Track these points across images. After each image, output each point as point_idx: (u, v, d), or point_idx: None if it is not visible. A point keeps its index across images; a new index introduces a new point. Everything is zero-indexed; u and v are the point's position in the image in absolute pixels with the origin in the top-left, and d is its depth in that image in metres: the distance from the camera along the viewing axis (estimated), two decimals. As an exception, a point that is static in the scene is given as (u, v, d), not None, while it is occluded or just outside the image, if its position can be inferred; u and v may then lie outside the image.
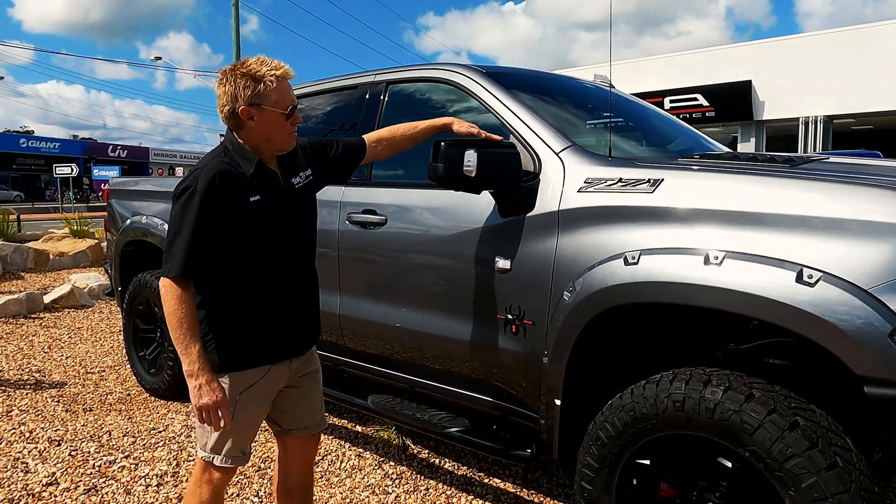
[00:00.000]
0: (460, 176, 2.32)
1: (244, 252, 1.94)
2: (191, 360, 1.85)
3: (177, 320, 1.84)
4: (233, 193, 1.90)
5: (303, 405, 2.22)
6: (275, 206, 2.00)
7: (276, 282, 2.03)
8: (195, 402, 1.87)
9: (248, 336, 1.99)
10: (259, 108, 1.92)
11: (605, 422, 2.14)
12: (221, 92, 1.94)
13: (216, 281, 1.94)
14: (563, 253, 2.29)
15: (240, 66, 1.93)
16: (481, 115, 2.81)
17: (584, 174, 2.31)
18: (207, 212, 1.85)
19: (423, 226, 2.78)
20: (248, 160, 1.96)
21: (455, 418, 2.80)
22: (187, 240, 1.84)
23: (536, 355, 2.38)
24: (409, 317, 2.84)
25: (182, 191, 1.88)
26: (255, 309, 2.00)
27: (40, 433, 3.80)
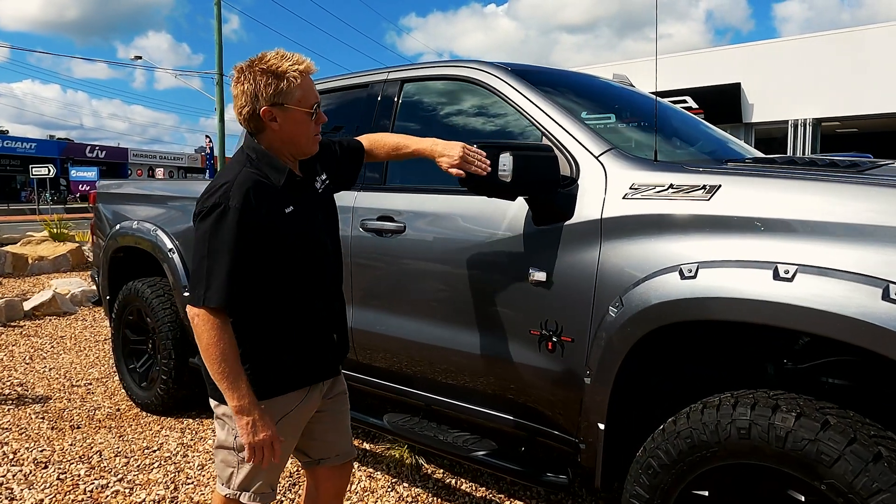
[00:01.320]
0: (495, 181, 2.14)
1: (281, 268, 1.78)
2: (240, 394, 1.68)
3: (219, 354, 1.66)
4: (268, 206, 1.73)
5: (333, 431, 2.07)
6: (308, 216, 1.85)
7: (314, 296, 1.88)
8: (248, 440, 1.70)
9: (289, 357, 1.84)
10: (282, 107, 1.74)
11: (657, 449, 1.97)
12: (239, 91, 1.75)
13: (253, 301, 1.76)
14: (606, 264, 2.12)
15: (258, 61, 1.75)
16: (509, 117, 2.64)
17: (628, 179, 2.14)
18: (245, 230, 1.67)
19: (447, 234, 2.59)
20: (278, 170, 1.79)
21: (480, 440, 2.62)
22: (227, 265, 1.66)
23: (576, 374, 2.20)
24: (430, 331, 2.66)
25: (211, 208, 1.68)
26: (294, 327, 1.85)
27: (25, 454, 3.55)
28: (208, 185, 1.79)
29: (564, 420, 2.32)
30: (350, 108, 3.30)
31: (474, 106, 2.81)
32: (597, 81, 3.24)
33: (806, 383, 2.07)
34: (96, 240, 4.77)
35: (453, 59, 2.83)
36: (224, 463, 1.89)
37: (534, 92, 2.50)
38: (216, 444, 1.91)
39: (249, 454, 1.72)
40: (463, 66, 2.75)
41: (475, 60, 2.74)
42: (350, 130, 3.23)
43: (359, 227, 2.88)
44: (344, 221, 2.84)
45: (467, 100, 2.83)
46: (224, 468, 1.90)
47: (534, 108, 2.46)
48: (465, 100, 2.84)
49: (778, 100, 15.11)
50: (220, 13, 22.02)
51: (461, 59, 2.79)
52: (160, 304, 4.01)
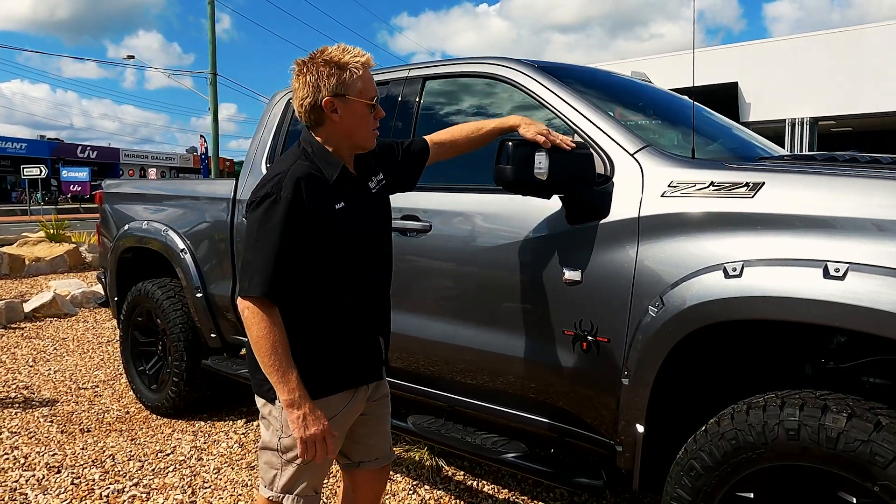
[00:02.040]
0: (531, 179, 2.11)
1: (331, 264, 1.77)
2: (290, 388, 1.66)
3: (269, 346, 1.64)
4: (319, 200, 1.72)
5: (375, 434, 2.04)
6: (359, 214, 1.83)
7: (364, 296, 1.86)
8: (300, 434, 1.68)
9: (339, 357, 1.82)
10: (344, 98, 1.74)
11: (699, 450, 1.94)
12: (301, 83, 1.74)
13: (302, 297, 1.75)
14: (644, 263, 2.09)
15: (319, 54, 1.76)
16: (537, 115, 2.60)
17: (666, 177, 2.11)
18: (294, 221, 1.67)
19: (476, 233, 2.56)
20: (332, 165, 1.79)
21: (509, 442, 2.58)
22: (273, 254, 1.65)
23: (612, 376, 2.17)
24: (456, 332, 2.62)
25: (262, 198, 1.69)
26: (343, 327, 1.82)
27: (36, 458, 3.49)
28: (263, 177, 1.78)
29: (599, 422, 2.28)
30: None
31: (499, 103, 2.77)
32: (621, 79, 3.21)
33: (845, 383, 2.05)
34: (103, 240, 4.70)
35: (478, 57, 2.79)
36: (268, 465, 1.86)
37: (564, 89, 2.47)
38: (260, 446, 1.88)
39: (302, 449, 1.69)
40: (489, 63, 2.72)
41: (501, 57, 2.70)
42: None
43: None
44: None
45: (493, 97, 2.79)
46: (268, 470, 1.86)
47: (565, 105, 2.43)
48: (491, 97, 2.80)
49: (775, 99, 15.16)
50: (213, 12, 21.89)
51: (486, 57, 2.75)
52: (171, 305, 3.96)
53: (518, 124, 2.20)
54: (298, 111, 1.78)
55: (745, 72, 15.29)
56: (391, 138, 2.93)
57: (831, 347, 2.10)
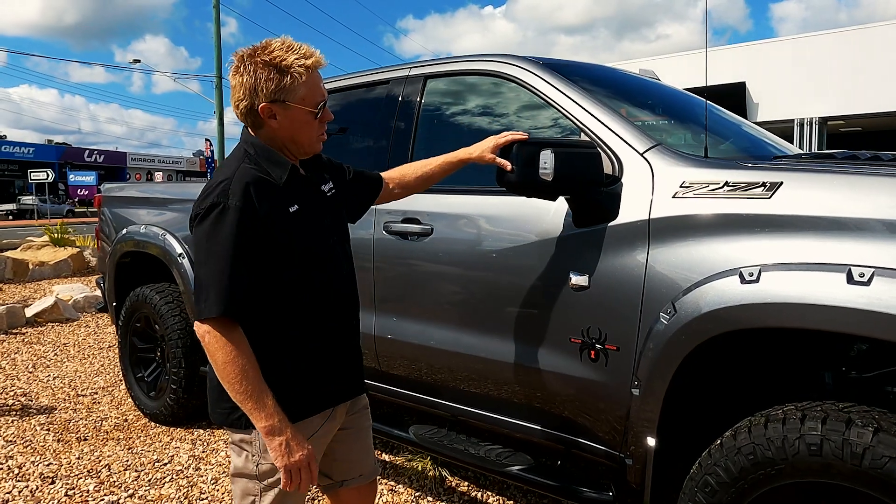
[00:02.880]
0: (535, 180, 2.01)
1: (293, 273, 1.62)
2: (267, 413, 1.51)
3: (238, 371, 1.49)
4: (271, 205, 1.58)
5: (357, 449, 1.90)
6: (314, 217, 1.69)
7: (331, 306, 1.72)
8: (283, 462, 1.54)
9: (314, 374, 1.68)
10: (283, 104, 1.59)
11: (714, 465, 1.83)
12: (237, 83, 1.59)
13: (266, 313, 1.60)
14: (655, 268, 1.99)
15: (261, 51, 1.58)
16: (542, 113, 2.51)
17: (678, 177, 2.01)
18: (246, 230, 1.52)
19: (478, 237, 2.46)
20: (279, 165, 1.64)
21: (514, 454, 2.49)
22: (226, 268, 1.50)
23: (621, 385, 2.07)
24: (459, 339, 2.52)
25: (208, 209, 1.53)
26: (316, 340, 1.68)
27: (31, 468, 3.41)
28: (205, 185, 1.63)
29: (608, 433, 2.18)
30: (368, 107, 3.17)
31: (504, 102, 2.68)
32: (629, 76, 3.11)
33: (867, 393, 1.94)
34: (102, 244, 4.63)
35: (481, 54, 2.70)
36: (244, 492, 1.70)
37: (570, 86, 2.37)
38: (232, 472, 1.73)
39: (286, 479, 1.55)
40: (491, 61, 2.62)
41: (505, 54, 2.60)
42: (370, 131, 3.11)
43: (382, 230, 2.75)
44: (366, 224, 2.72)
45: (496, 96, 2.70)
46: (243, 497, 1.70)
47: (571, 103, 2.33)
48: (494, 96, 2.71)
49: (783, 99, 15.00)
50: (218, 16, 21.90)
51: (489, 54, 2.66)
52: (169, 310, 3.88)
53: (470, 154, 2.10)
54: (235, 111, 1.63)
55: (752, 71, 15.14)
56: (392, 140, 2.85)
57: (852, 355, 2.00)
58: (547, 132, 2.49)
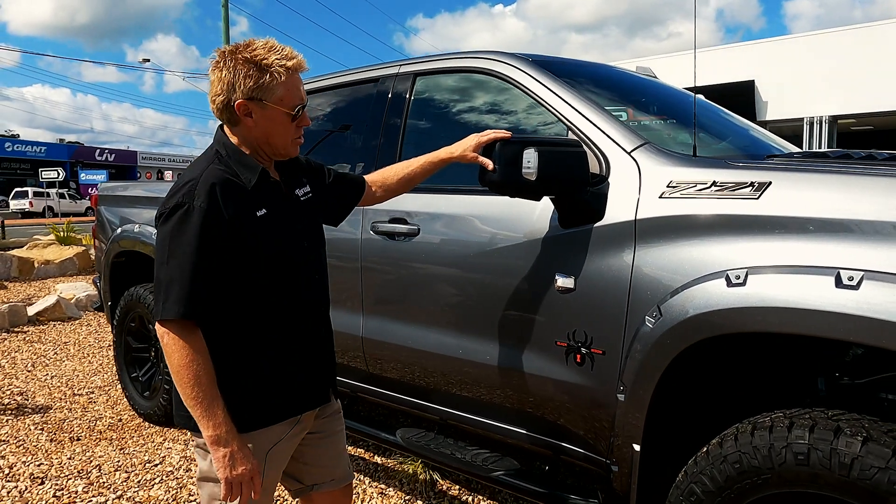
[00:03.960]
0: (518, 180, 1.96)
1: (257, 279, 1.59)
2: (216, 423, 1.49)
3: (192, 376, 1.47)
4: (238, 208, 1.55)
5: (328, 454, 1.87)
6: (285, 223, 1.66)
7: (298, 314, 1.69)
8: (225, 475, 1.51)
9: (276, 383, 1.64)
10: (260, 103, 1.57)
11: (700, 473, 1.78)
12: (216, 78, 1.57)
13: (228, 319, 1.58)
14: (641, 270, 1.94)
15: (244, 48, 1.58)
16: (531, 111, 2.46)
17: (665, 177, 1.96)
18: (210, 233, 1.49)
19: (465, 237, 2.41)
20: (249, 168, 1.61)
21: (500, 458, 2.44)
22: (189, 270, 1.47)
23: (607, 390, 2.02)
24: (446, 341, 2.48)
25: (172, 209, 1.51)
26: (279, 349, 1.65)
27: (22, 468, 3.40)
28: (173, 184, 1.61)
29: (593, 439, 2.13)
30: (358, 105, 3.13)
31: (493, 100, 2.63)
32: (621, 73, 3.05)
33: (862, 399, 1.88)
34: (98, 244, 4.62)
35: (470, 51, 2.65)
36: (210, 496, 1.68)
37: (557, 83, 2.32)
38: (199, 477, 1.71)
39: (226, 490, 1.53)
40: (480, 58, 2.57)
41: (494, 51, 2.56)
42: (360, 129, 3.06)
43: (369, 230, 2.71)
44: (353, 224, 2.68)
45: (485, 93, 2.65)
46: (210, 502, 1.68)
47: (558, 100, 2.28)
48: (483, 93, 2.66)
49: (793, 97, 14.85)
50: (227, 15, 21.95)
51: (478, 51, 2.61)
52: (163, 310, 3.85)
53: (452, 153, 2.08)
54: (211, 107, 1.61)
55: (762, 69, 15.00)
56: (381, 138, 2.80)
57: (846, 360, 1.94)
58: (536, 130, 2.44)
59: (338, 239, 2.76)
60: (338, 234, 2.71)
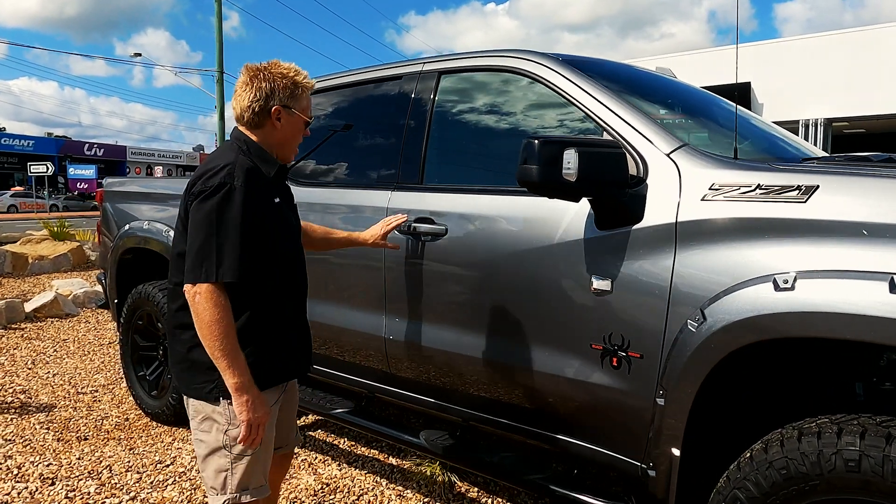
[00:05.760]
0: (558, 180, 1.94)
1: (267, 257, 1.85)
2: (240, 371, 1.73)
3: (222, 331, 1.70)
4: (263, 193, 1.84)
5: (285, 421, 2.11)
6: (288, 213, 1.99)
7: (294, 292, 1.98)
8: (248, 416, 1.74)
9: (268, 350, 1.88)
10: (289, 111, 1.90)
11: (744, 479, 1.76)
12: (254, 87, 1.86)
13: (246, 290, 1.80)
14: (682, 273, 1.92)
15: (274, 66, 1.90)
16: (561, 111, 2.44)
17: (707, 179, 1.94)
18: (249, 210, 1.76)
19: (494, 238, 2.38)
20: (269, 162, 1.91)
21: (529, 462, 2.41)
22: (238, 241, 1.73)
23: (645, 394, 2.00)
24: (473, 342, 2.45)
25: (217, 188, 1.75)
26: (280, 321, 1.91)
27: (30, 468, 3.34)
28: (204, 168, 1.83)
29: (629, 443, 2.11)
30: (379, 104, 3.09)
31: (521, 99, 2.60)
32: (648, 74, 3.03)
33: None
34: (103, 240, 4.55)
35: (497, 49, 2.62)
36: (216, 470, 1.86)
37: (591, 83, 2.30)
38: (204, 454, 1.88)
39: (246, 432, 1.75)
40: (509, 56, 2.54)
41: (524, 50, 2.53)
42: (381, 129, 3.03)
43: (395, 231, 2.67)
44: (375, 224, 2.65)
45: (513, 93, 2.62)
46: (216, 476, 1.86)
47: (592, 101, 2.26)
48: (511, 93, 2.63)
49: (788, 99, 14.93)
50: (220, 10, 21.76)
51: (507, 49, 2.58)
52: (172, 308, 3.79)
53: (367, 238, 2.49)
54: (241, 111, 1.87)
55: (758, 72, 15.06)
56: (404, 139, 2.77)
57: (881, 365, 1.93)
58: (565, 131, 2.42)
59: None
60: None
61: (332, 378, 3.15)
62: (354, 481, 3.20)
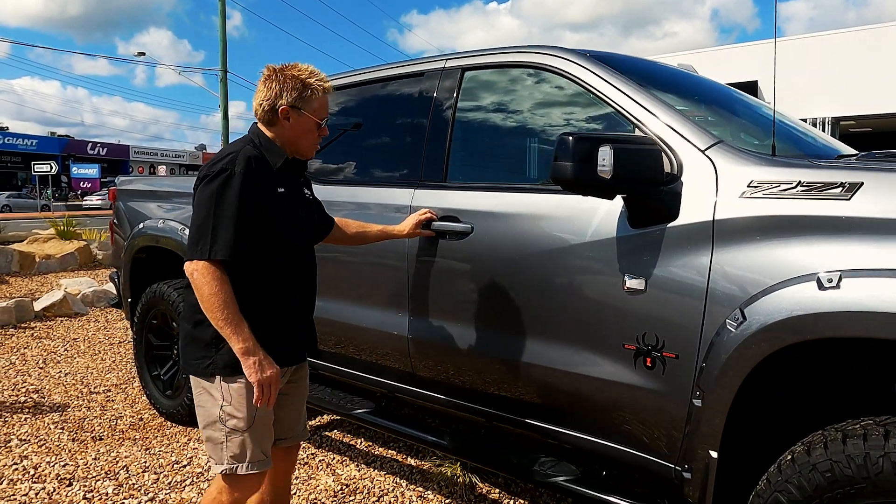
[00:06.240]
0: (593, 177, 1.90)
1: (268, 244, 1.94)
2: (244, 336, 1.82)
3: (221, 301, 1.80)
4: (265, 181, 1.94)
5: (290, 414, 2.18)
6: (295, 204, 2.06)
7: (293, 279, 2.04)
8: (257, 377, 1.83)
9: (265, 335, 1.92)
10: (298, 111, 1.99)
11: (786, 482, 1.73)
12: (267, 87, 1.98)
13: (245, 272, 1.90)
14: (719, 272, 1.88)
15: (290, 68, 2.00)
16: (588, 108, 2.41)
17: (745, 176, 1.90)
18: (246, 195, 1.86)
19: (522, 236, 2.35)
20: (276, 154, 2.01)
21: (557, 463, 2.38)
22: (232, 221, 1.83)
23: (680, 395, 1.97)
24: (500, 343, 2.42)
25: (218, 172, 1.88)
26: (272, 307, 1.97)
27: (47, 469, 3.31)
28: (214, 156, 1.97)
29: (662, 445, 2.08)
30: (400, 101, 3.06)
31: (547, 96, 2.57)
32: (673, 70, 3.00)
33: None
34: (116, 239, 4.52)
35: (524, 45, 2.59)
36: (212, 442, 1.97)
37: (622, 80, 2.26)
38: (202, 426, 1.99)
39: (258, 392, 1.84)
40: (535, 53, 2.51)
41: (551, 46, 2.50)
42: (403, 127, 3.00)
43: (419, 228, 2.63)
44: (399, 222, 2.62)
45: (539, 89, 2.59)
46: (213, 447, 1.97)
47: (624, 97, 2.22)
48: (536, 90, 2.59)
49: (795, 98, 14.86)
50: (223, 9, 21.74)
51: (533, 45, 2.55)
52: (188, 308, 3.77)
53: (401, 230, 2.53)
54: (256, 108, 2.00)
55: (765, 70, 15.00)
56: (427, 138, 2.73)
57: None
58: (593, 128, 2.39)
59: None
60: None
61: (350, 378, 3.12)
62: (374, 482, 3.17)
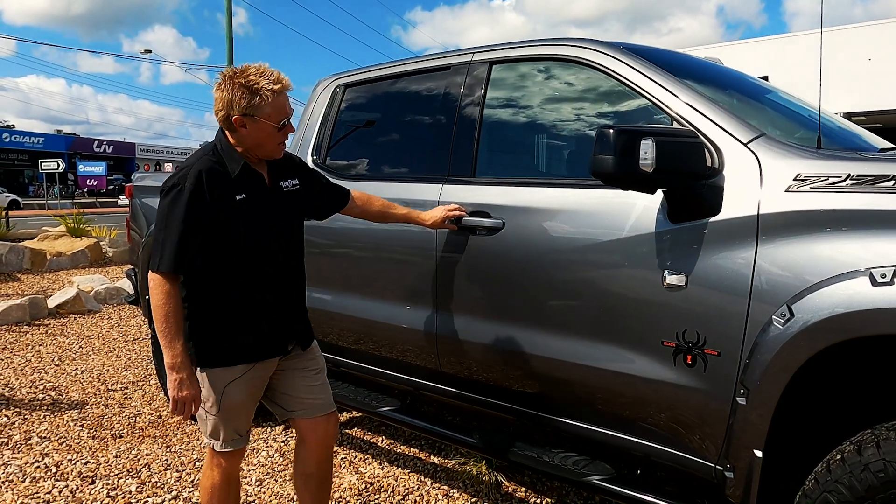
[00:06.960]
0: (634, 171, 1.86)
1: (229, 250, 2.00)
2: (174, 353, 1.92)
3: (163, 315, 1.90)
4: (219, 191, 1.97)
5: (297, 386, 2.24)
6: (260, 207, 2.07)
7: (260, 282, 2.08)
8: (174, 394, 1.94)
9: (231, 334, 2.05)
10: (252, 118, 2.00)
11: (836, 482, 1.69)
12: (218, 96, 2.00)
13: (202, 278, 2.00)
14: (764, 267, 1.84)
15: (239, 73, 1.99)
16: (624, 101, 2.37)
17: (791, 170, 1.86)
18: (195, 208, 1.92)
19: (556, 232, 2.31)
20: (234, 160, 2.04)
21: (591, 462, 2.35)
22: (177, 235, 1.91)
23: (723, 393, 1.93)
24: (534, 340, 2.38)
25: (171, 187, 1.95)
26: (239, 307, 2.05)
27: (69, 466, 3.29)
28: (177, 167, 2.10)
29: (702, 444, 2.04)
30: (426, 95, 3.02)
31: (579, 89, 2.53)
32: (704, 62, 2.95)
33: None
34: (133, 236, 4.50)
35: (556, 38, 2.54)
36: (200, 418, 2.14)
37: (659, 73, 2.22)
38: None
39: (173, 407, 1.96)
40: (568, 45, 2.47)
41: (583, 38, 2.45)
42: (429, 121, 2.96)
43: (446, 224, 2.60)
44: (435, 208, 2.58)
45: (571, 83, 2.55)
46: (201, 424, 2.17)
47: (661, 90, 2.18)
48: (569, 83, 2.56)
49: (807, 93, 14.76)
50: (230, 6, 21.71)
51: (566, 38, 2.50)
52: (207, 304, 3.74)
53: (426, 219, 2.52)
54: (216, 117, 2.03)
55: (775, 66, 14.87)
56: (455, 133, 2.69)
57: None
58: (629, 121, 2.34)
59: (411, 232, 2.67)
60: (411, 227, 2.62)
61: (374, 374, 3.09)
62: (398, 480, 3.15)
